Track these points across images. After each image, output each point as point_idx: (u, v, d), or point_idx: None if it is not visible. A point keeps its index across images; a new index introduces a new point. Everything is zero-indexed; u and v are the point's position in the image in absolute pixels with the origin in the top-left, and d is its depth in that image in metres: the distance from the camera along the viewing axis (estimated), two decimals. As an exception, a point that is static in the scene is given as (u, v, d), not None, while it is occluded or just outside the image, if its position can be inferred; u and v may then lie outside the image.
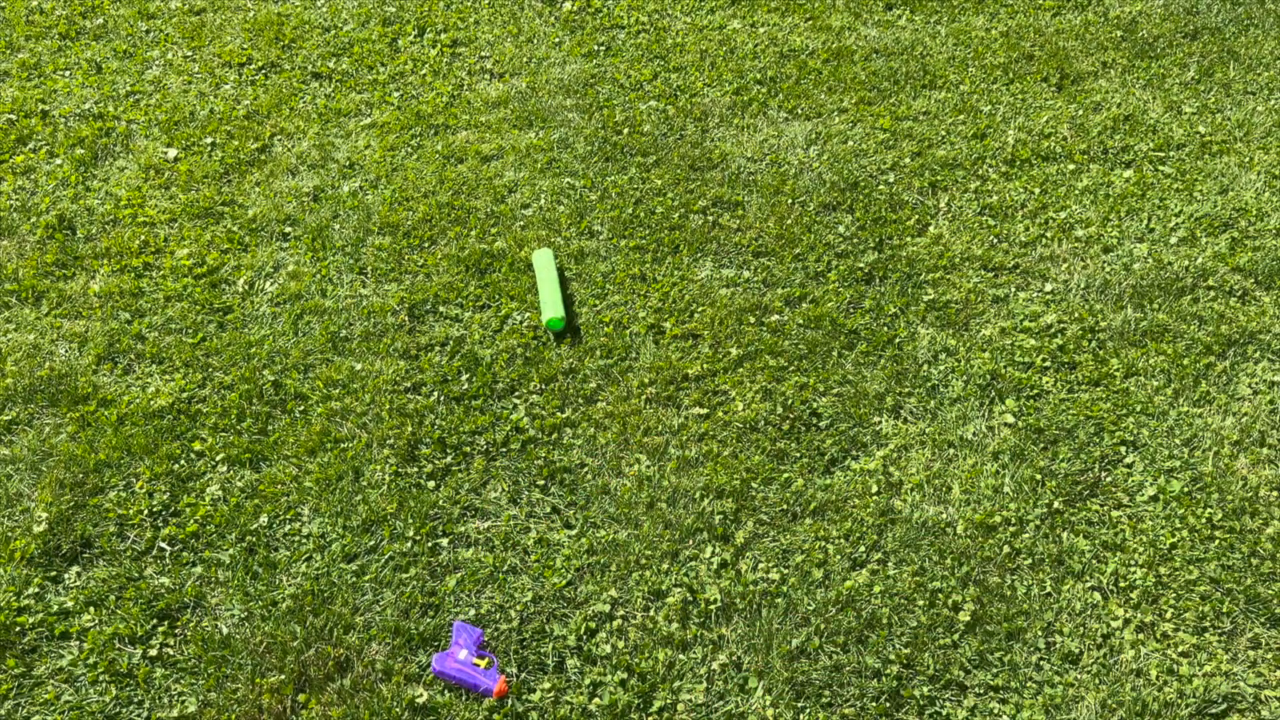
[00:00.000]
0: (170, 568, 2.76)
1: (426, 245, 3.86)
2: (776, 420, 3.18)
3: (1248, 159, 4.19)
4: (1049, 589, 2.71)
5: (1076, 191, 4.06)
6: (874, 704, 2.46)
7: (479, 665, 2.49)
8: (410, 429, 3.13)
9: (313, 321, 3.53)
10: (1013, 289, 3.64)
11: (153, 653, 2.56)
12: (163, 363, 3.38)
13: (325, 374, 3.33)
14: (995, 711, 2.45)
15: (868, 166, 4.19)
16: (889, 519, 2.88)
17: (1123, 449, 3.09)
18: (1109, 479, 3.00)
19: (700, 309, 3.58)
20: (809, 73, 4.73)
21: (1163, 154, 4.24)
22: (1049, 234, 3.88)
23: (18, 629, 2.59)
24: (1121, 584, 2.72)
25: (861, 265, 3.74)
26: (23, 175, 4.16)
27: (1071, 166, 4.19)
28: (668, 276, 3.71)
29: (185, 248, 3.82)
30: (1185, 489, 2.96)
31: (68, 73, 4.77)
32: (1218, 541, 2.83)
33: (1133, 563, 2.77)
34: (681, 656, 2.55)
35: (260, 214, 3.96)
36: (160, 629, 2.61)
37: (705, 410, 3.23)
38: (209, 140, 4.35)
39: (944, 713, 2.45)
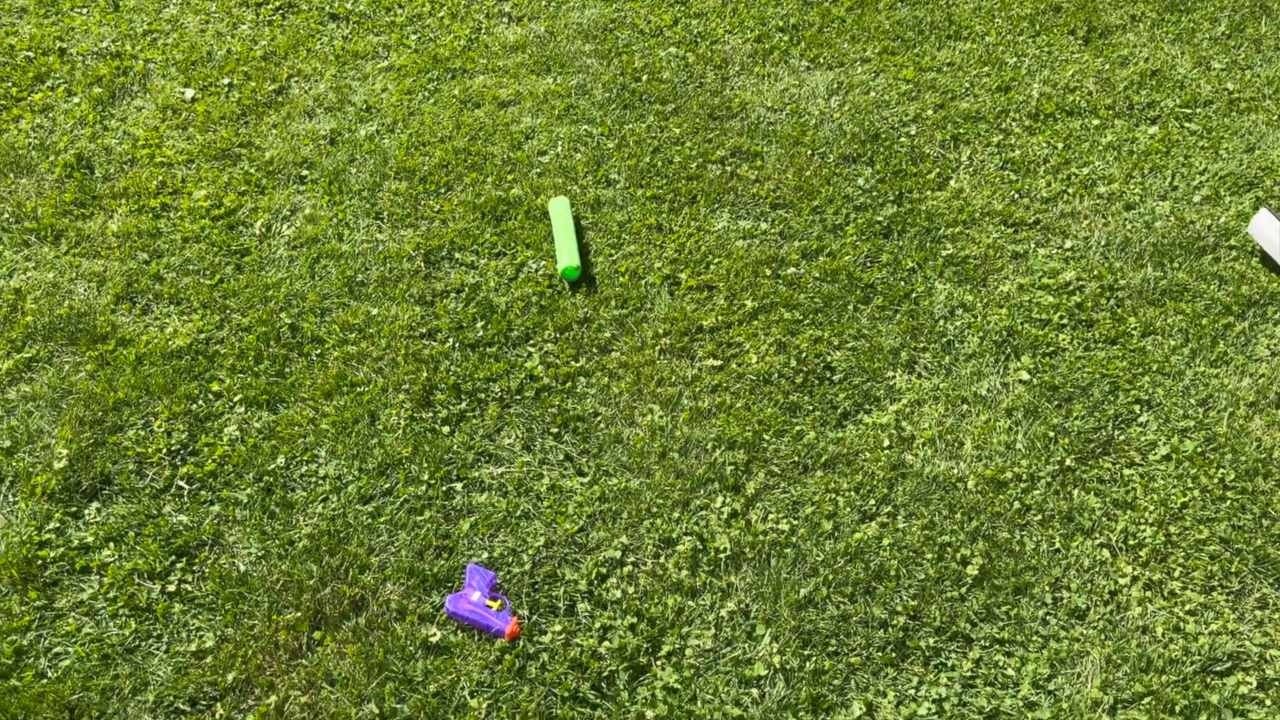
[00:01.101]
0: (188, 506, 2.80)
1: (443, 191, 3.84)
2: (790, 373, 3.19)
3: (1276, 117, 4.12)
4: (1058, 545, 2.73)
5: (1100, 147, 4.01)
6: (880, 654, 2.49)
7: (491, 607, 2.53)
8: (425, 374, 3.15)
9: (329, 265, 3.53)
10: (1032, 245, 3.62)
11: (171, 588, 2.60)
12: (180, 303, 3.40)
13: (341, 318, 3.34)
14: (1000, 664, 2.47)
15: (889, 118, 4.14)
16: (900, 473, 2.90)
17: (1137, 408, 3.08)
18: (1122, 437, 3.00)
19: (716, 260, 3.57)
20: (832, 21, 4.66)
21: (1189, 110, 4.17)
22: (1071, 190, 3.83)
23: (39, 562, 2.64)
24: (1131, 542, 2.73)
25: (880, 219, 3.71)
26: (41, 113, 4.15)
27: (1096, 122, 4.13)
28: (684, 227, 3.69)
29: (203, 189, 3.82)
30: (1199, 449, 2.95)
31: (85, 10, 4.74)
32: (1229, 502, 2.83)
33: (1143, 521, 2.78)
34: (690, 603, 2.59)
35: (277, 156, 3.95)
36: (179, 565, 2.65)
37: (719, 362, 3.23)
38: (226, 81, 4.33)
39: (949, 664, 2.48)
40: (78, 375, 3.14)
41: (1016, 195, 3.82)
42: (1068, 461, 2.93)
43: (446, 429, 3.02)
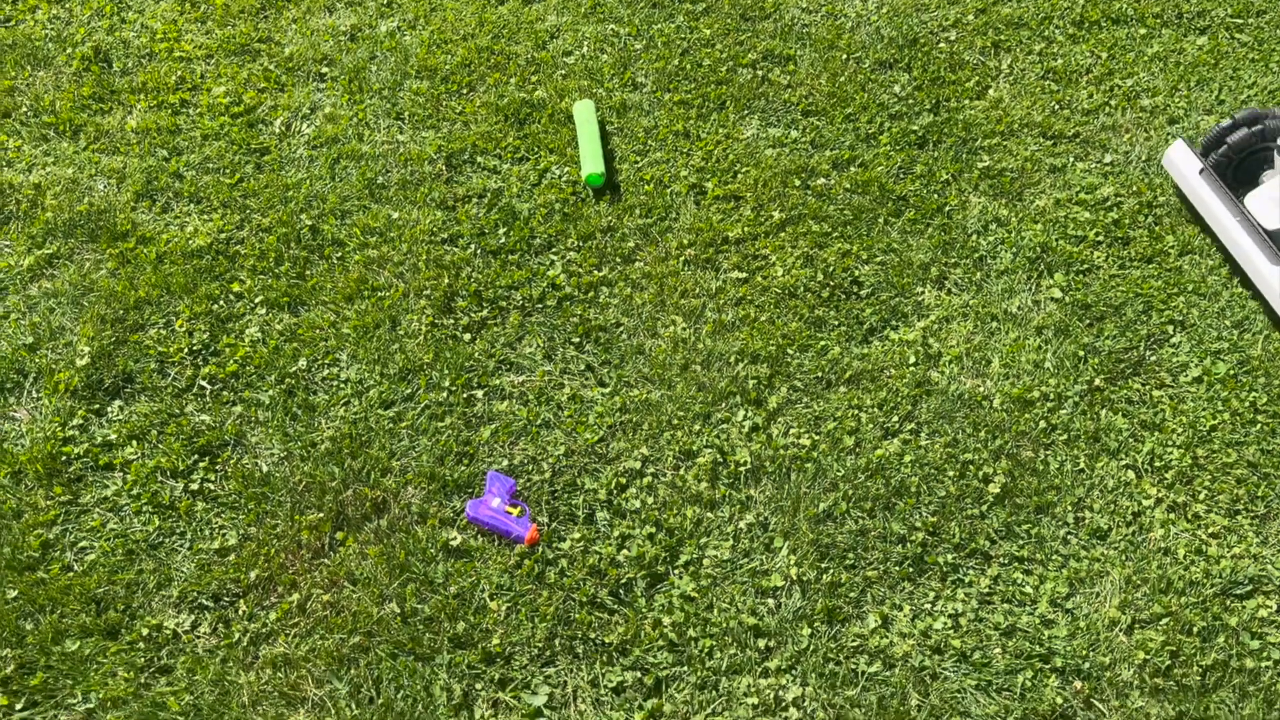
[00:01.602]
0: (210, 406, 2.81)
1: (465, 92, 3.75)
2: (816, 287, 3.13)
3: (1334, 29, 3.95)
4: (1082, 465, 2.70)
5: (1146, 58, 3.86)
6: (897, 568, 2.49)
7: (511, 514, 2.54)
8: (447, 281, 3.12)
9: (349, 166, 3.48)
10: (1071, 159, 3.51)
11: (194, 487, 2.63)
12: (200, 202, 3.36)
13: (362, 221, 3.30)
14: (1019, 582, 2.47)
15: (929, 22, 3.99)
16: (925, 390, 2.86)
17: (1170, 328, 3.02)
18: (1153, 358, 2.94)
19: (744, 169, 3.48)
20: (871, -80, 4.46)
21: (1241, 20, 4.00)
22: (1113, 102, 3.70)
23: (64, 458, 2.67)
24: (1157, 464, 2.70)
25: (915, 128, 3.60)
26: (57, 4, 4.06)
27: (1143, 30, 3.97)
28: (712, 134, 3.60)
29: (222, 85, 3.75)
30: (1231, 371, 2.90)
31: (98, -104, 4.60)
32: (1259, 426, 2.79)
33: (1170, 443, 2.74)
34: (709, 515, 2.59)
35: (297, 53, 3.86)
36: (201, 464, 2.67)
37: (744, 274, 3.18)
38: (244, -27, 4.21)
39: (967, 580, 2.48)
40: (99, 273, 3.12)
41: (1057, 106, 3.69)
42: (1097, 381, 2.88)
43: (468, 336, 3.00)
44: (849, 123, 3.63)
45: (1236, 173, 3.31)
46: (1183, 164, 3.27)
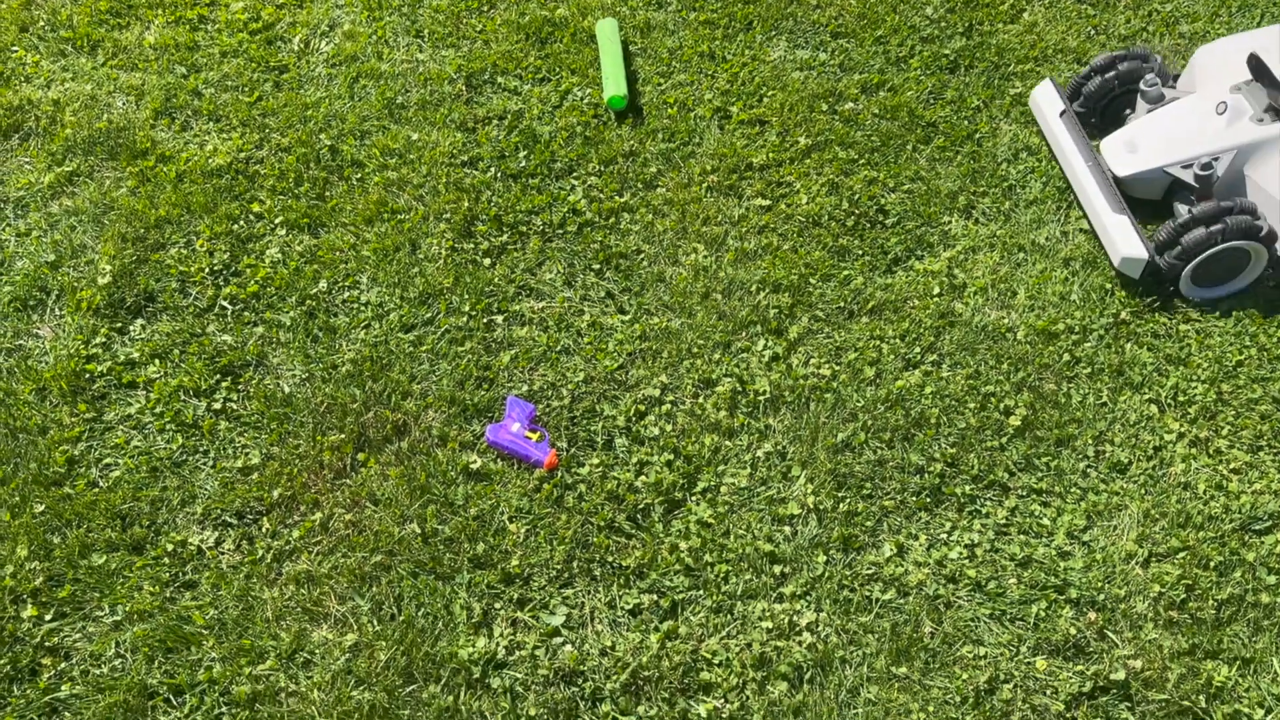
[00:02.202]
0: (232, 326, 2.82)
1: (485, 9, 3.68)
2: (841, 215, 3.09)
3: (1387, -47, 3.79)
4: (1105, 399, 2.68)
5: (1189, -18, 3.73)
6: (914, 498, 2.49)
7: (531, 439, 2.55)
8: (467, 204, 3.09)
9: (369, 85, 3.43)
10: (1105, 87, 3.41)
11: (217, 406, 2.65)
12: (219, 121, 3.33)
13: (381, 142, 3.26)
14: (1036, 513, 2.47)
15: (962, -57, 3.86)
16: (948, 321, 2.83)
17: (1201, 263, 2.97)
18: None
19: (770, 93, 3.41)
20: None
21: (1292, -57, 3.85)
22: (1151, 28, 3.59)
23: (87, 376, 2.69)
24: (1180, 398, 2.68)
25: (947, 52, 3.51)
26: (70, -85, 3.98)
27: (1187, -47, 3.83)
28: (738, 56, 3.52)
29: (240, 0, 3.68)
30: (1259, 307, 2.85)
31: None
32: (1287, 363, 2.75)
33: (1195, 378, 2.72)
34: (727, 443, 2.59)
35: (315, -32, 3.78)
36: (224, 384, 2.69)
37: (768, 202, 3.14)
38: (261, -116, 4.11)
39: (984, 511, 2.48)
40: (119, 191, 3.11)
41: (1093, 31, 3.59)
42: (1123, 315, 2.84)
43: (487, 261, 2.98)
44: (879, 45, 3.55)
45: (1104, 115, 3.23)
46: (1045, 105, 3.18)
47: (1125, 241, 2.82)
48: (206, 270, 2.93)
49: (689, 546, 2.39)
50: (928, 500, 2.49)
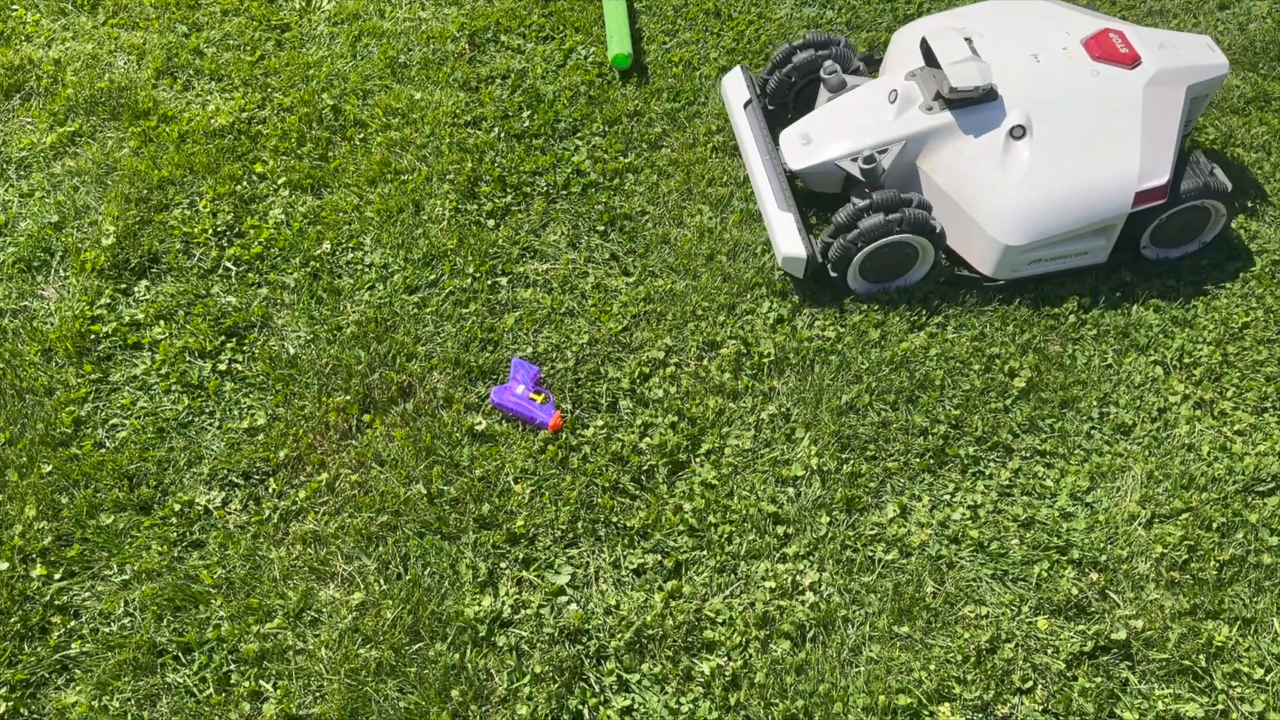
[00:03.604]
0: (236, 287, 2.82)
1: (490, -32, 3.64)
2: (847, 175, 3.07)
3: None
4: (1110, 361, 2.68)
5: (1202, -62, 3.68)
6: (918, 460, 2.50)
7: (535, 400, 2.56)
8: (470, 165, 3.07)
9: (371, 44, 3.40)
10: (1115, 46, 3.37)
11: (222, 367, 2.65)
12: (221, 80, 3.30)
13: (384, 101, 3.24)
14: (1039, 475, 2.48)
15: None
16: (954, 283, 2.82)
17: (1209, 225, 2.95)
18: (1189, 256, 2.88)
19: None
20: None
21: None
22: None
23: (92, 337, 2.69)
24: (1186, 360, 2.68)
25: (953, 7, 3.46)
26: None
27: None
28: (744, 14, 3.48)
29: (239, -41, 3.65)
30: (1266, 269, 2.84)
31: None
32: (1293, 325, 2.74)
33: (1200, 340, 2.71)
34: (731, 405, 2.59)
35: (315, -75, 3.74)
36: (229, 345, 2.69)
37: (773, 160, 3.11)
38: None
39: (987, 472, 2.49)
40: (121, 151, 3.10)
41: (1104, -10, 3.54)
42: (1128, 277, 2.83)
43: (491, 222, 2.97)
44: (886, 3, 3.50)
45: (798, 105, 3.11)
46: (732, 94, 3.07)
47: (787, 240, 2.72)
48: (210, 231, 2.92)
49: (693, 507, 2.40)
50: (931, 461, 2.50)
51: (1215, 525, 2.37)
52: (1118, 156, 2.62)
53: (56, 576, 2.29)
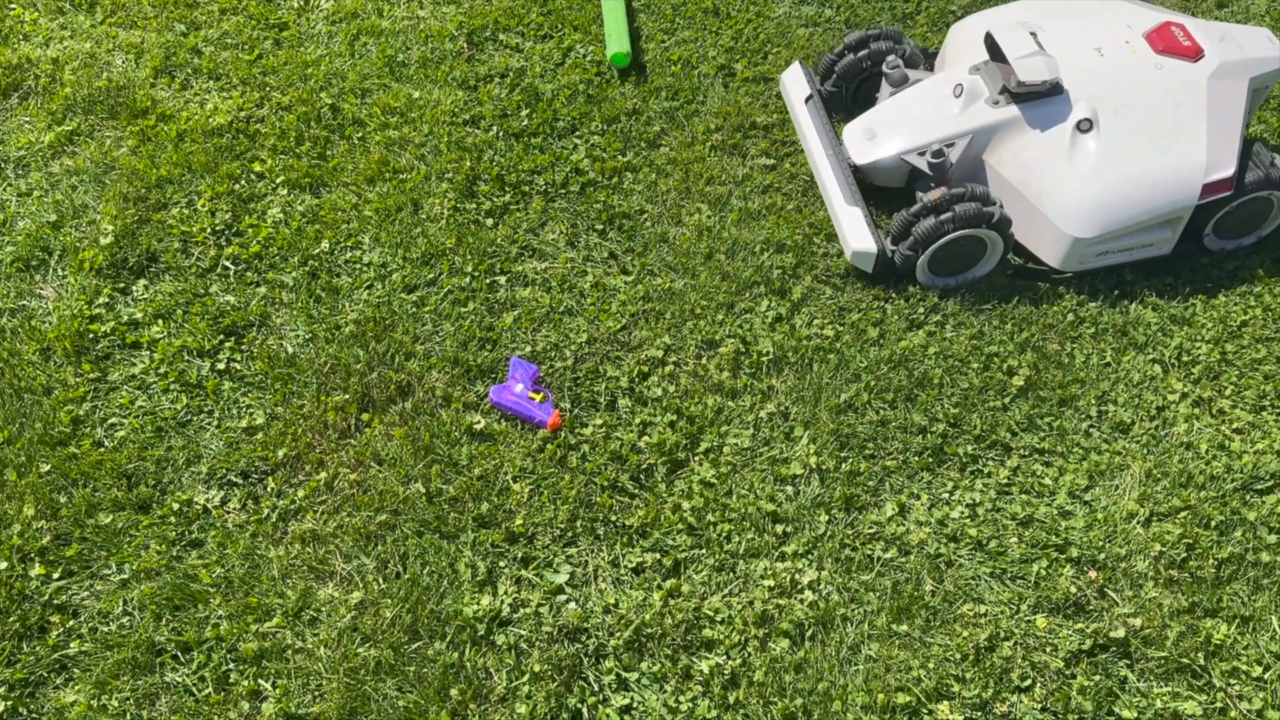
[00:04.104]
0: (235, 286, 2.82)
1: (488, -34, 3.63)
2: (845, 173, 3.07)
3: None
4: (1108, 359, 2.68)
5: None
6: (916, 458, 2.50)
7: (534, 399, 2.56)
8: (469, 164, 3.07)
9: (369, 43, 3.40)
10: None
11: (220, 366, 2.65)
12: (220, 79, 3.30)
13: (383, 100, 3.24)
14: (1038, 473, 2.48)
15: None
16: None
17: (1207, 223, 2.95)
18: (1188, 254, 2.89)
19: (775, 50, 3.38)
20: None
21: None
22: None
23: (91, 336, 2.69)
24: (1184, 358, 2.68)
25: (954, 9, 3.47)
26: None
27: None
28: (742, 12, 3.48)
29: (237, -43, 3.64)
30: (1265, 268, 2.84)
31: None
32: (1292, 323, 2.75)
33: (1199, 338, 2.71)
34: (730, 403, 2.59)
35: (314, -77, 3.74)
36: (227, 345, 2.69)
37: (772, 161, 3.11)
38: None
39: (986, 470, 2.49)
40: (119, 150, 3.09)
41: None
42: (1128, 275, 2.83)
43: (490, 221, 2.97)
44: (885, 1, 3.50)
45: (856, 98, 3.13)
46: (792, 89, 3.08)
47: (856, 234, 2.75)
48: (208, 230, 2.92)
49: (692, 506, 2.40)
50: (930, 460, 2.50)
51: (1214, 523, 2.37)
52: (1184, 149, 2.64)
53: (55, 576, 2.29)
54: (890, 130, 2.84)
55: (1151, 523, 2.39)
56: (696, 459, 2.50)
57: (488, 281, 2.83)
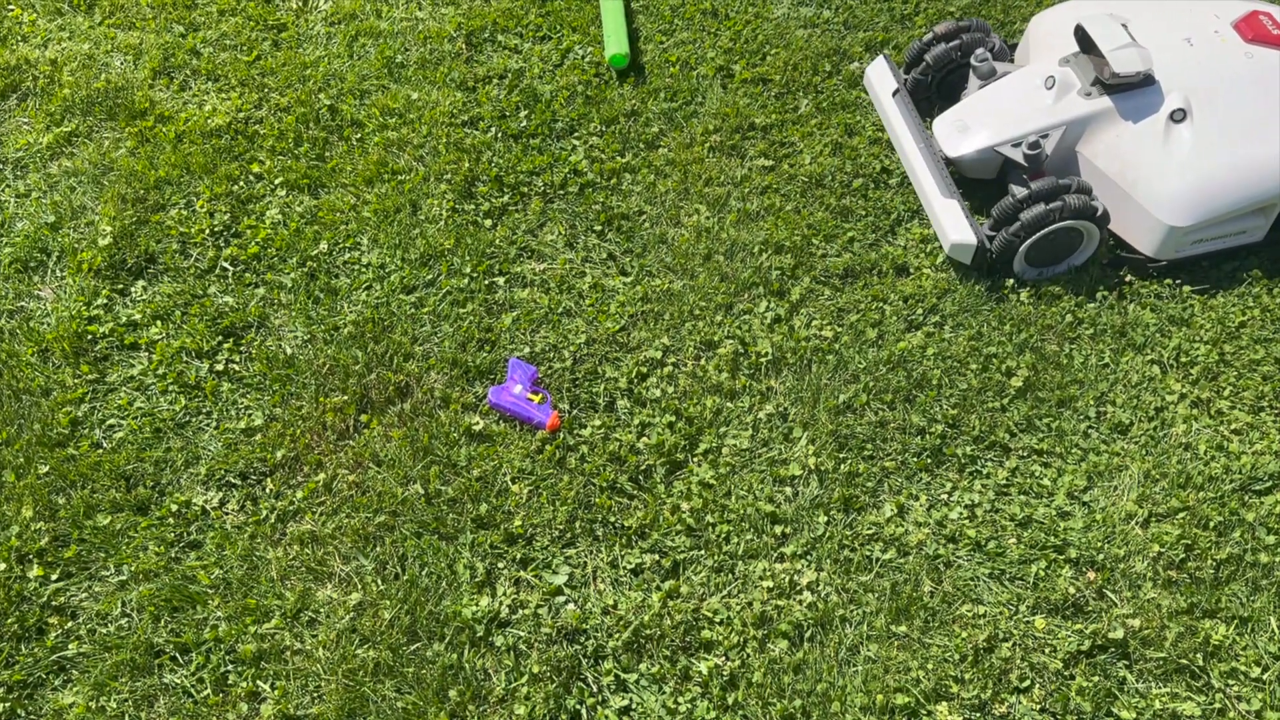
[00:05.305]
0: (233, 287, 2.81)
1: (487, -33, 3.64)
2: (844, 177, 3.07)
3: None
4: (1107, 360, 2.68)
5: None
6: (915, 459, 2.50)
7: (533, 400, 2.55)
8: (467, 165, 3.07)
9: (368, 44, 3.40)
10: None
11: (219, 367, 2.65)
12: (218, 80, 3.30)
13: (381, 101, 3.24)
14: (1037, 474, 2.48)
15: (969, -102, 3.81)
16: (950, 282, 2.82)
17: (1206, 224, 2.95)
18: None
19: (774, 51, 3.38)
20: None
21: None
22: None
23: (89, 337, 2.69)
24: (1183, 359, 2.68)
25: (953, 10, 3.47)
26: None
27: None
28: (741, 13, 3.48)
29: (236, -41, 3.64)
30: (1262, 270, 2.84)
31: None
32: (1290, 324, 2.75)
33: (1197, 339, 2.71)
34: (729, 405, 2.59)
35: (312, -75, 3.74)
36: (225, 346, 2.69)
37: (770, 162, 3.12)
38: None
39: (985, 471, 2.49)
40: (118, 152, 3.09)
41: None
42: (1127, 276, 2.83)
43: (489, 222, 2.97)
44: (883, 2, 3.50)
45: (940, 89, 3.13)
46: (878, 84, 3.09)
47: (954, 227, 2.76)
48: (207, 231, 2.92)
49: (690, 507, 2.40)
50: (928, 461, 2.50)
51: (1212, 524, 2.37)
52: (1277, 136, 2.66)
53: (53, 577, 2.28)
54: (982, 122, 2.86)
55: (1150, 523, 2.39)
56: (695, 460, 2.50)
57: (486, 282, 2.83)
